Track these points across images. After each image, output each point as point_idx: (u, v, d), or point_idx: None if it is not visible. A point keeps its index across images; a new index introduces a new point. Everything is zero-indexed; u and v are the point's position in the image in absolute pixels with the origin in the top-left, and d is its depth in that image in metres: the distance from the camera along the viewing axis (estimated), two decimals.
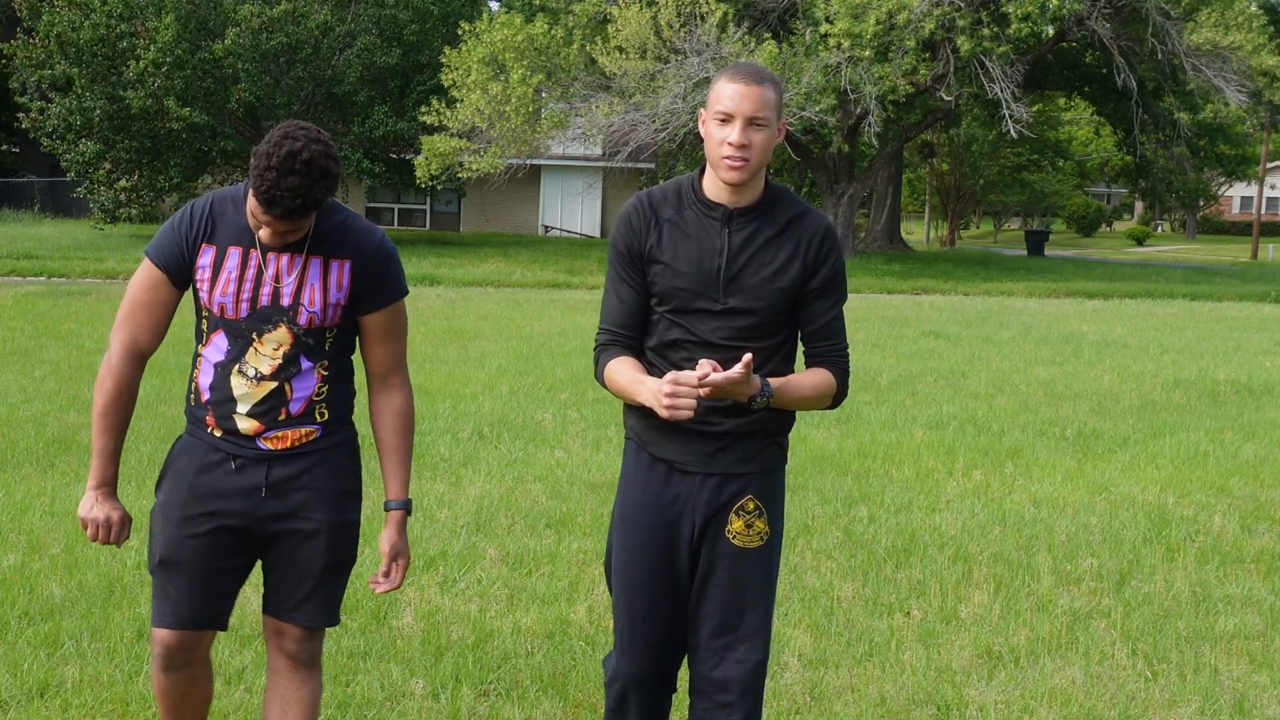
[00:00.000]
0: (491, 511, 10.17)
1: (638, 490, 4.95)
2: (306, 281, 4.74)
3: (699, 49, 40.55)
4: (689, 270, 4.78)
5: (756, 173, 4.74)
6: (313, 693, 5.04)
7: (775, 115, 4.72)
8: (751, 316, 4.78)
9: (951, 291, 39.18)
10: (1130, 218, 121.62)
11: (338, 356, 4.92)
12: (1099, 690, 6.98)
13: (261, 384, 4.76)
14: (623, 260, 4.92)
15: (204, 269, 4.75)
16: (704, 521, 4.88)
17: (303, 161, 4.42)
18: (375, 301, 4.87)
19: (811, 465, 12.17)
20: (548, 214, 67.54)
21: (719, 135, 4.68)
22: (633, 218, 4.90)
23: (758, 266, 4.79)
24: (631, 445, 5.02)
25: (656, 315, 4.89)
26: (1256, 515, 10.90)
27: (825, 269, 4.86)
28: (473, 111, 42.46)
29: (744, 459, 4.87)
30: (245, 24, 45.41)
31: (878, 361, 20.23)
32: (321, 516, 4.91)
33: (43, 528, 9.26)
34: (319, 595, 4.96)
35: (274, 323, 4.74)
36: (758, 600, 4.92)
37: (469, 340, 21.62)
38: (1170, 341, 25.20)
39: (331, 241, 4.77)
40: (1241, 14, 44.65)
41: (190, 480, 4.85)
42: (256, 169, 4.44)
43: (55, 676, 6.65)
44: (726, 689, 4.88)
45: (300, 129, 4.50)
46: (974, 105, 53.54)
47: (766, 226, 4.82)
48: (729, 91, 4.66)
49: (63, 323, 21.75)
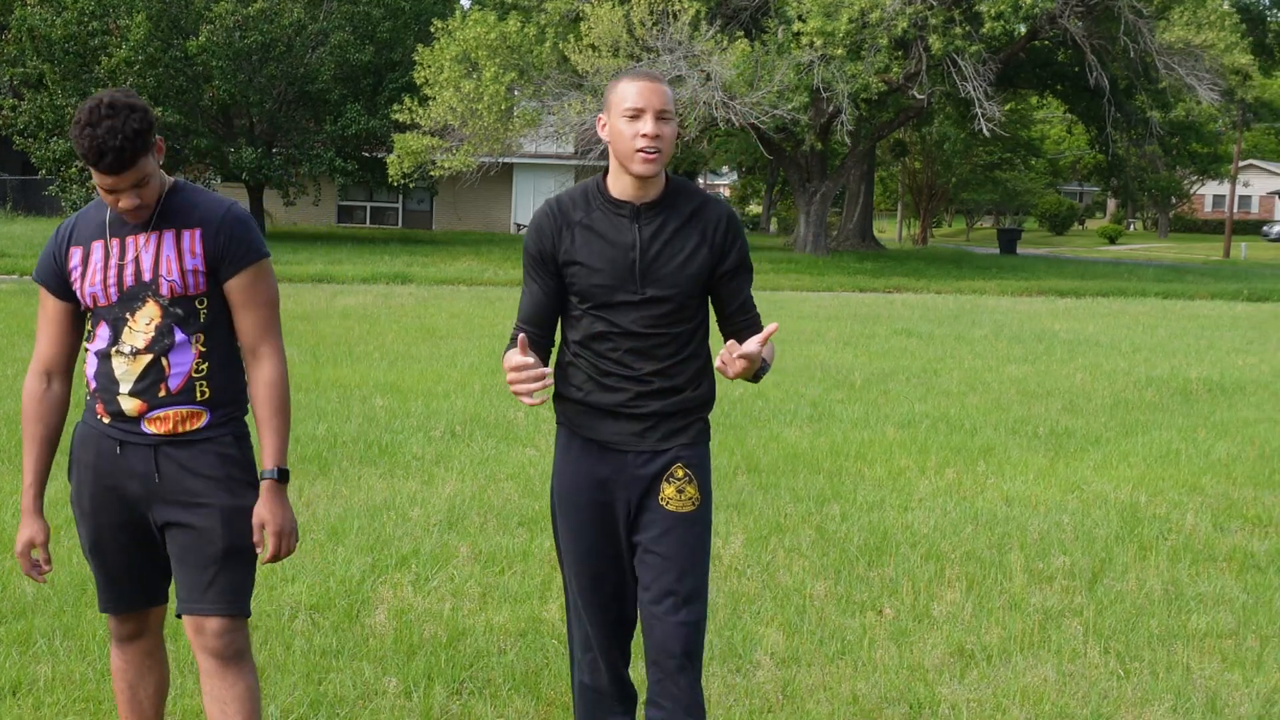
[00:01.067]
0: (464, 510, 10.16)
1: (572, 470, 5.18)
2: (162, 254, 4.88)
3: (671, 47, 40.60)
4: (605, 267, 5.00)
5: (665, 164, 4.99)
6: (247, 688, 5.05)
7: (674, 111, 4.98)
8: (669, 304, 5.03)
9: (924, 290, 39.23)
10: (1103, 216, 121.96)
11: (213, 330, 4.99)
12: (1071, 688, 6.99)
13: (138, 358, 4.88)
14: (534, 262, 5.13)
15: (75, 269, 4.95)
16: (638, 495, 5.12)
17: (106, 105, 4.66)
18: (231, 268, 4.96)
19: (784, 463, 12.17)
20: (520, 212, 67.56)
21: (630, 130, 4.90)
22: (543, 223, 5.11)
23: (669, 256, 5.02)
24: (563, 430, 5.25)
25: (579, 312, 5.10)
26: (1229, 513, 10.92)
27: (734, 253, 5.14)
28: (445, 109, 42.46)
29: (671, 435, 5.13)
30: (219, 22, 45.32)
31: (850, 360, 20.26)
32: (215, 501, 4.95)
33: (15, 526, 9.22)
34: (222, 581, 4.98)
35: (141, 299, 4.88)
36: (694, 563, 5.10)
37: (441, 339, 21.61)
38: (1142, 340, 25.27)
39: (179, 214, 4.93)
40: (1214, 12, 44.77)
41: (91, 468, 5.03)
42: (75, 137, 4.68)
43: (28, 675, 6.63)
44: (672, 654, 5.03)
45: (104, 91, 4.78)
46: (946, 104, 53.66)
47: (672, 218, 5.06)
48: (634, 89, 4.91)
49: (34, 321, 21.59)
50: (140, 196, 4.78)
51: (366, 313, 25.53)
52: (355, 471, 11.35)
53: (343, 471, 11.32)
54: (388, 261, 39.19)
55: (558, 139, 49.70)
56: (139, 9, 44.99)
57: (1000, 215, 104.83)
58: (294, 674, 6.75)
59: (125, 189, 4.74)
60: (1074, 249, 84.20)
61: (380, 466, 11.59)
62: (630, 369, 5.04)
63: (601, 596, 5.20)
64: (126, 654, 5.27)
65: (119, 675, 5.31)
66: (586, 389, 5.09)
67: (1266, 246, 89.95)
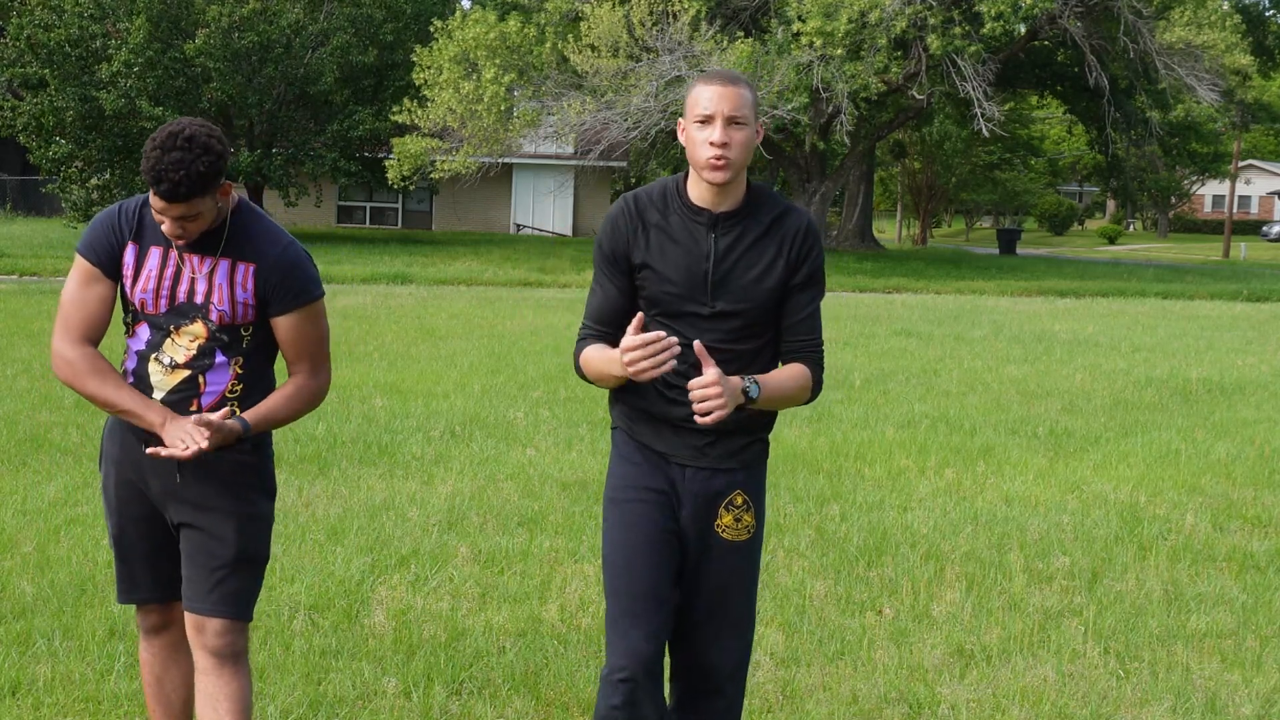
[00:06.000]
0: (463, 510, 10.16)
1: (630, 470, 5.00)
2: (215, 281, 4.91)
3: (671, 47, 40.61)
4: (676, 276, 4.84)
5: (739, 172, 4.79)
6: (241, 688, 5.08)
7: (753, 115, 4.77)
8: (740, 319, 4.85)
9: (923, 290, 39.23)
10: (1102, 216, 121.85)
11: (254, 356, 5.04)
12: (1071, 689, 6.99)
13: (175, 371, 4.92)
14: (606, 261, 4.95)
15: (128, 266, 4.94)
16: (693, 510, 4.94)
17: (184, 138, 4.64)
18: (280, 307, 4.99)
19: (783, 463, 12.16)
20: (519, 212, 67.48)
21: (700, 137, 4.73)
22: (619, 221, 4.94)
23: (744, 269, 4.85)
24: (620, 433, 5.07)
25: (646, 316, 4.90)
26: (1228, 514, 10.91)
27: (807, 265, 4.92)
28: (444, 110, 42.44)
29: (731, 454, 4.95)
30: (216, 23, 45.29)
31: (850, 360, 20.24)
32: (230, 508, 5.00)
33: (14, 526, 9.24)
34: (228, 585, 5.02)
35: (190, 317, 4.91)
36: (744, 590, 5.04)
37: (441, 339, 21.60)
38: (1142, 340, 25.26)
39: (239, 244, 4.94)
40: (1214, 13, 44.78)
41: (116, 463, 5.09)
42: (144, 152, 4.68)
43: (27, 675, 6.63)
44: (713, 675, 5.00)
45: (187, 119, 4.75)
46: (946, 104, 53.64)
47: (751, 229, 4.87)
48: (707, 94, 4.73)
49: (34, 321, 21.67)
50: (184, 228, 4.78)
51: (366, 313, 25.51)
52: (355, 472, 11.35)
53: (342, 472, 11.32)
54: (387, 262, 39.17)
55: (558, 139, 49.69)
56: (139, 10, 44.95)
57: (1000, 215, 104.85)
58: (293, 674, 6.75)
59: (173, 217, 4.74)
60: (1073, 249, 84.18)
61: (380, 467, 11.59)
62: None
63: (654, 606, 4.89)
64: (153, 646, 5.33)
65: (146, 667, 5.38)
66: (650, 398, 4.93)
67: (1266, 246, 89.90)
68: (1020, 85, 59.55)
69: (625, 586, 4.92)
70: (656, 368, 4.55)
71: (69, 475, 10.81)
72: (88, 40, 45.22)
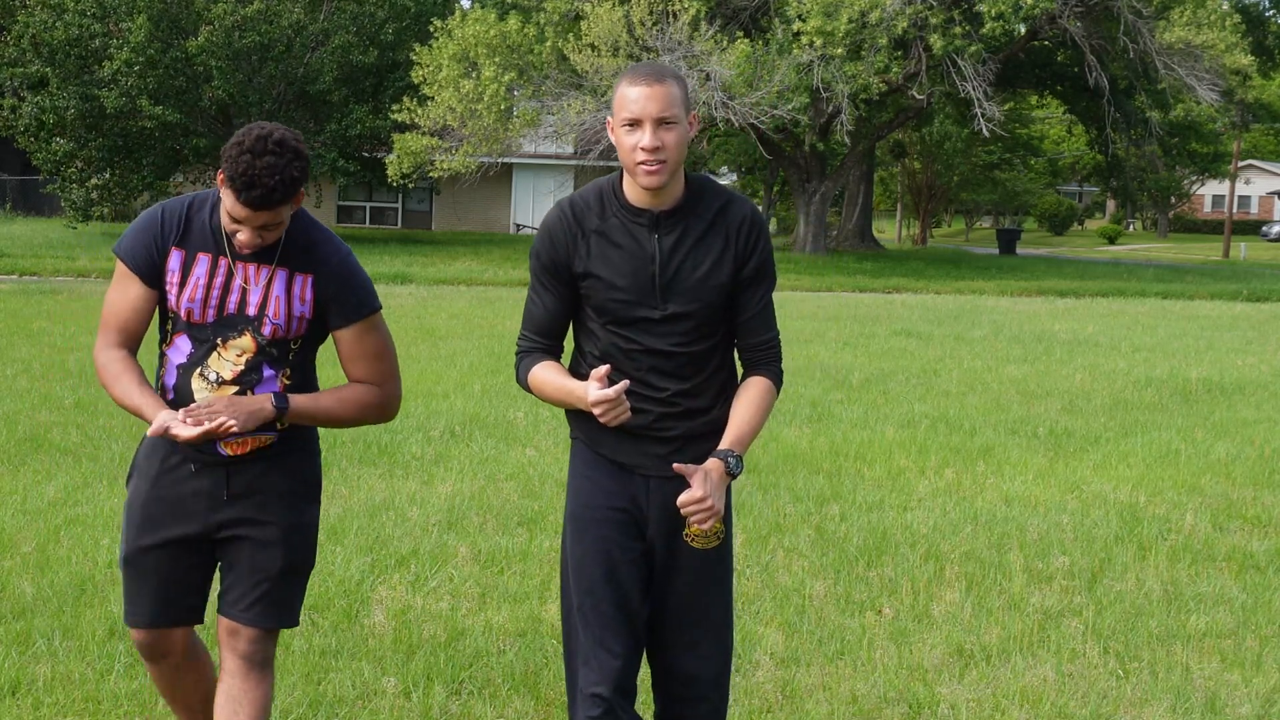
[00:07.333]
0: (463, 510, 10.16)
1: (591, 488, 4.89)
2: (272, 293, 4.78)
3: (671, 47, 40.61)
4: (624, 282, 4.72)
5: (674, 173, 4.67)
6: (265, 695, 5.04)
7: (684, 111, 4.64)
8: (692, 319, 4.75)
9: (923, 290, 39.22)
10: (1102, 216, 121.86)
11: (301, 366, 4.93)
12: (1070, 689, 6.99)
13: (222, 388, 4.78)
14: (545, 271, 4.84)
15: (173, 272, 4.78)
16: (660, 523, 4.85)
17: (275, 141, 4.48)
18: (339, 319, 4.88)
19: (783, 463, 12.16)
20: (520, 212, 67.55)
21: (630, 141, 4.60)
22: (556, 230, 4.81)
23: (691, 267, 4.74)
24: (579, 445, 4.96)
25: (595, 325, 4.82)
26: (1228, 514, 10.91)
27: (755, 257, 4.81)
28: (444, 109, 42.44)
29: (699, 458, 4.80)
30: (218, 22, 45.31)
31: (849, 360, 20.24)
32: (278, 519, 4.92)
33: (14, 526, 9.23)
34: (274, 596, 4.96)
35: (239, 330, 4.77)
36: (719, 595, 4.96)
37: (440, 339, 21.60)
38: (1142, 340, 25.26)
39: (297, 254, 4.81)
40: (1214, 13, 44.77)
41: (153, 480, 4.92)
42: (230, 157, 4.48)
43: (27, 675, 6.63)
44: (694, 683, 4.92)
45: (267, 123, 4.57)
46: (946, 104, 53.64)
47: (695, 225, 4.76)
48: (632, 95, 4.60)
49: (34, 321, 21.68)
50: (263, 237, 4.66)
51: None
52: (354, 471, 11.35)
53: (342, 471, 11.32)
54: (387, 261, 39.15)
55: (557, 139, 49.68)
56: (140, 10, 44.97)
57: (1000, 215, 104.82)
58: (293, 674, 6.75)
59: (255, 225, 4.60)
60: (1073, 249, 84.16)
61: (379, 467, 11.59)
62: (654, 389, 4.76)
63: (623, 627, 4.81)
64: (157, 668, 5.20)
65: (157, 683, 5.30)
66: None
67: (1266, 246, 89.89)
68: (1020, 85, 59.59)
69: (592, 606, 4.83)
70: (625, 414, 4.55)
71: (69, 475, 10.82)
72: (88, 39, 45.24)
